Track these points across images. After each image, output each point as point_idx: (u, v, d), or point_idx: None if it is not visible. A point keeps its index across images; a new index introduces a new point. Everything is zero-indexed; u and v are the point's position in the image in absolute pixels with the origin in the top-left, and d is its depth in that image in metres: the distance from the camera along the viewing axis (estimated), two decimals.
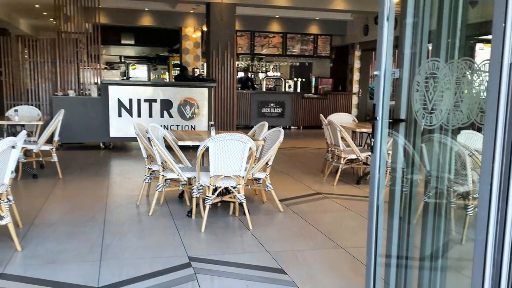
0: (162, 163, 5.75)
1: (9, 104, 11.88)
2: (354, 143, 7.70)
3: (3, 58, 12.02)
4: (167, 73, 20.14)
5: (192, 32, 17.52)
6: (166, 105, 10.96)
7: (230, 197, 5.63)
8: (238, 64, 17.50)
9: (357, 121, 9.50)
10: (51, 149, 7.74)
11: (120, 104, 10.73)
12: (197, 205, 5.68)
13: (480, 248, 1.97)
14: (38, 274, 3.97)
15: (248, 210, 5.42)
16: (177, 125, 10.97)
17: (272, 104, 16.04)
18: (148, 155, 6.13)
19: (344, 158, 7.52)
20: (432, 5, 2.62)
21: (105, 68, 15.81)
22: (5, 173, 4.30)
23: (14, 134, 6.87)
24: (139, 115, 10.79)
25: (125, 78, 18.41)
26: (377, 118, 2.66)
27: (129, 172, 8.62)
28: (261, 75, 18.96)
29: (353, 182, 7.86)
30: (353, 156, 7.53)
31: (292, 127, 16.30)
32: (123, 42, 19.73)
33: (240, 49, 17.47)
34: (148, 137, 5.75)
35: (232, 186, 5.40)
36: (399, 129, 2.73)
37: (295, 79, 18.31)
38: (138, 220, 5.63)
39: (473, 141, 2.66)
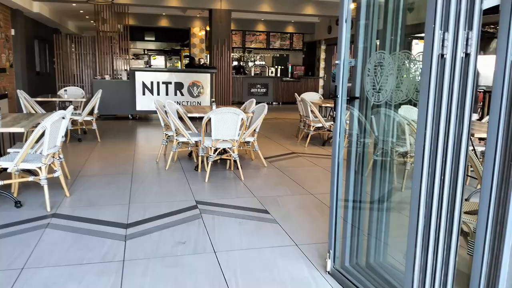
0: (175, 130, 5.68)
1: (60, 86, 11.75)
2: (321, 115, 7.64)
3: (56, 51, 11.83)
4: (179, 62, 19.90)
5: (198, 31, 17.19)
6: (179, 86, 10.80)
7: (227, 156, 5.58)
8: (233, 55, 17.25)
9: (322, 98, 9.44)
10: (92, 119, 7.64)
11: (144, 85, 10.57)
12: (202, 162, 5.63)
13: (415, 194, 1.95)
14: (82, 213, 3.92)
15: (240, 165, 5.39)
16: (187, 101, 10.83)
17: (258, 86, 15.91)
18: (165, 124, 6.04)
19: (313, 126, 7.48)
20: (379, 11, 2.57)
21: (133, 58, 15.48)
22: (57, 138, 4.22)
23: (64, 108, 6.73)
24: (158, 94, 10.64)
25: (147, 66, 18.10)
26: (338, 96, 2.62)
27: (151, 137, 8.53)
28: (250, 64, 18.71)
29: (319, 144, 7.83)
30: (319, 125, 7.48)
31: (274, 103, 16.17)
32: (146, 38, 19.40)
33: (234, 43, 17.32)
34: (165, 110, 5.68)
35: (228, 147, 5.34)
36: (354, 104, 2.68)
37: (276, 66, 18.11)
38: (158, 173, 5.57)
39: (410, 113, 2.62)
